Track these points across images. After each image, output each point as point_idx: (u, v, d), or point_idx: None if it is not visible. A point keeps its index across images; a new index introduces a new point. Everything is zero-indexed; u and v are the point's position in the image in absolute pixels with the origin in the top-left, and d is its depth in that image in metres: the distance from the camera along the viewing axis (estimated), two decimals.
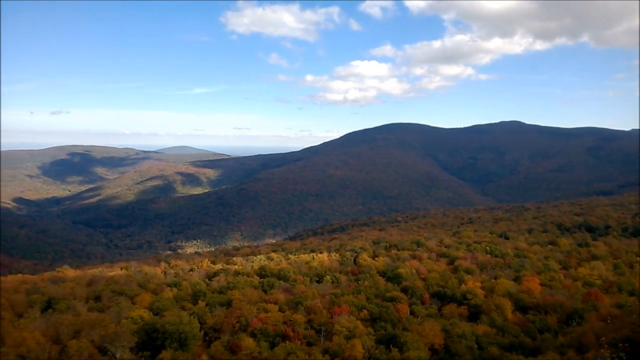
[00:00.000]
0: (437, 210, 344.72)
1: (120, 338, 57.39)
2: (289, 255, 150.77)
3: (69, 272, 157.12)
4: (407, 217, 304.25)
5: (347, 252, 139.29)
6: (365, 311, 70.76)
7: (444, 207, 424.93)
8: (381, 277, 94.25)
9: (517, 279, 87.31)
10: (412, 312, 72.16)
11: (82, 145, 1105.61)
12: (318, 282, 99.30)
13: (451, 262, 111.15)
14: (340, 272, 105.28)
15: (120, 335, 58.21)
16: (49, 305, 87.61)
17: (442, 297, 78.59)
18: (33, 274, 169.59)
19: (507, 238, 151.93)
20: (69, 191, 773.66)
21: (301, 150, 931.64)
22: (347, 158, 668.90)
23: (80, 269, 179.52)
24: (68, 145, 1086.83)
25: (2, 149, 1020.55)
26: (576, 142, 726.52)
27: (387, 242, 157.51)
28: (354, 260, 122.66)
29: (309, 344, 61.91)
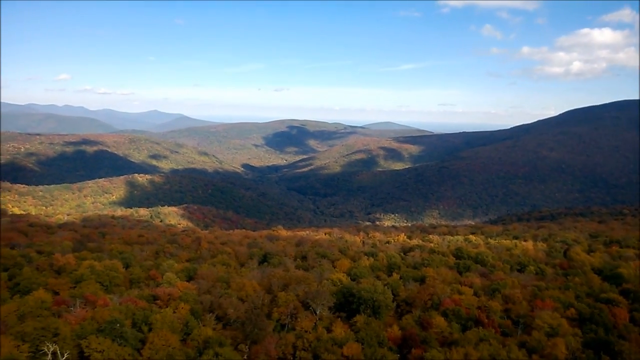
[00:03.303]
0: None
1: (321, 296, 62.76)
2: (489, 239, 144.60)
3: (282, 232, 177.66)
4: (637, 210, 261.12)
5: (557, 243, 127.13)
6: (572, 310, 63.96)
7: None
8: (596, 275, 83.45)
9: None
10: (632, 319, 62.48)
11: (299, 120, 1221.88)
12: (519, 271, 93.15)
13: None
14: (546, 264, 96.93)
15: (321, 294, 63.60)
16: (264, 259, 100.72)
17: None
18: (254, 231, 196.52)
19: None
20: (286, 160, 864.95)
21: (511, 128, 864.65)
22: (565, 139, 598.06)
23: (291, 230, 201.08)
24: (287, 119, 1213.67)
25: (234, 122, 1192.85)
26: None
27: (607, 237, 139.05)
28: (564, 252, 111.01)
29: (504, 334, 59.01)
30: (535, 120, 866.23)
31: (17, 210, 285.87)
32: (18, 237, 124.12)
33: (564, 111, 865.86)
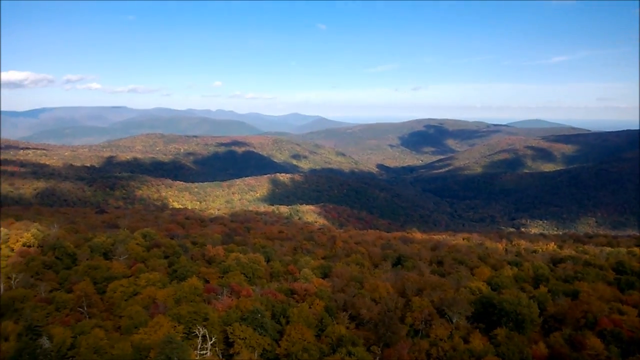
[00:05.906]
0: None
1: (457, 304, 59.94)
2: None
3: (417, 234, 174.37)
4: None
5: None
6: None
7: None
8: None
9: None
10: None
11: (437, 119, 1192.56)
12: None
13: None
14: None
15: (458, 302, 60.74)
16: (398, 261, 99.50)
17: None
18: (387, 232, 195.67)
19: None
20: (422, 161, 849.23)
21: None
22: None
23: (427, 233, 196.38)
24: (424, 119, 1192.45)
25: (370, 122, 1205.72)
26: None
27: None
28: None
29: None
30: None
31: (176, 205, 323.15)
32: (176, 228, 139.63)
33: None
